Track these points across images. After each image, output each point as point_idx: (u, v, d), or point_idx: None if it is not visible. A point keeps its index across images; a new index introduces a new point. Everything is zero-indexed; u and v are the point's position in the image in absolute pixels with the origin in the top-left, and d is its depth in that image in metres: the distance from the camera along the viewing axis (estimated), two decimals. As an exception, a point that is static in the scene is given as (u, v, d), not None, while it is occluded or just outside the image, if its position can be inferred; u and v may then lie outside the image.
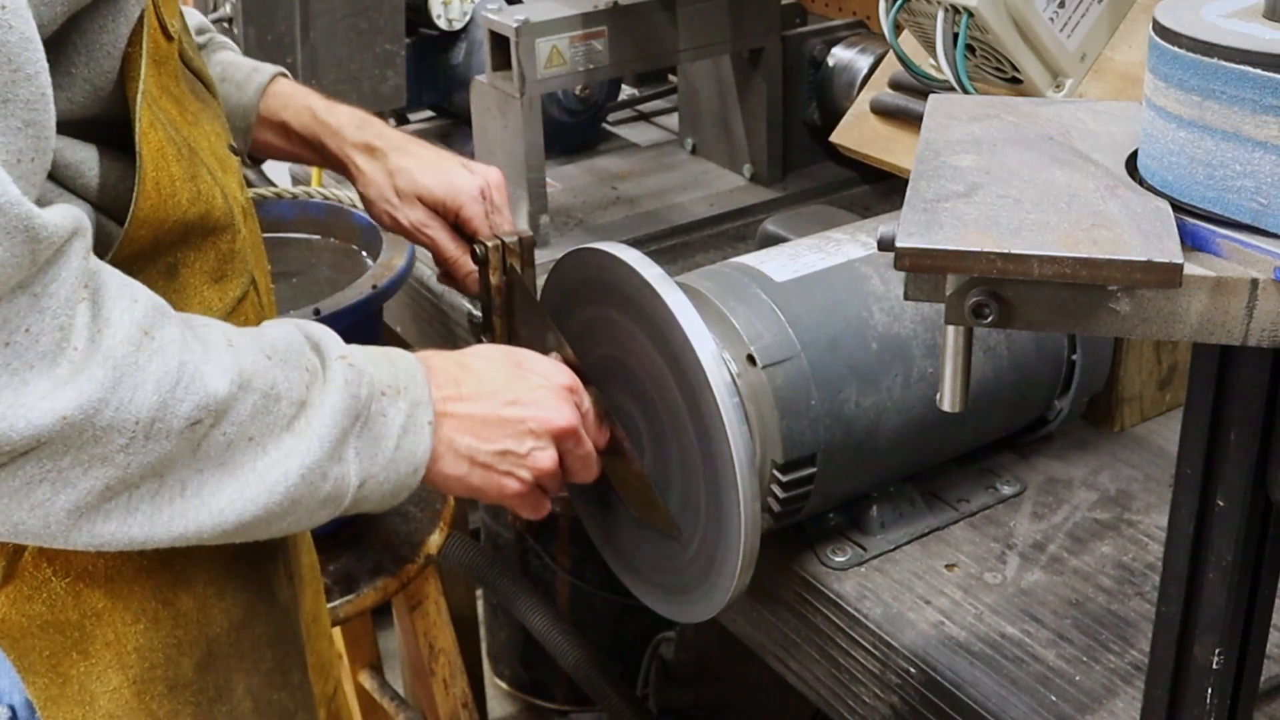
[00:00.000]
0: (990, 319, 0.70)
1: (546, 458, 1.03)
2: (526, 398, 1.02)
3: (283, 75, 1.33)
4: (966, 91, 1.34)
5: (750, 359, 1.12)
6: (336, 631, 2.00)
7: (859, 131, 1.62)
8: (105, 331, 0.77)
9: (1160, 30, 0.70)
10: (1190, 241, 0.70)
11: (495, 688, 2.69)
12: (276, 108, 1.31)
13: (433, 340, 1.80)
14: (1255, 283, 0.67)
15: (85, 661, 0.92)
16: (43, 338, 0.73)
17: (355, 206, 1.54)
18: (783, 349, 1.13)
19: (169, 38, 0.91)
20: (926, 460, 1.27)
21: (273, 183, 2.02)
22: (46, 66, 0.74)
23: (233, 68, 1.31)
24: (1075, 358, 1.28)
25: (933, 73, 1.40)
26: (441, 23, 2.06)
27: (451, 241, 1.32)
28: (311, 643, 1.12)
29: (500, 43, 1.71)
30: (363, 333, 1.35)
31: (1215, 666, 0.80)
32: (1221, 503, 0.77)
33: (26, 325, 0.73)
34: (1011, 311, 0.71)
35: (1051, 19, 1.31)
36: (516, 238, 1.30)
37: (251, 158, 1.35)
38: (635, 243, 1.47)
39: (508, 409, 1.01)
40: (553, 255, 1.62)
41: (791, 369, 1.13)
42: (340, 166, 1.34)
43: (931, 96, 0.90)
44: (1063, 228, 0.69)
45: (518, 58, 1.68)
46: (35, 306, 0.73)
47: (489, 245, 1.28)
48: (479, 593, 2.49)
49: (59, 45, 0.82)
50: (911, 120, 1.54)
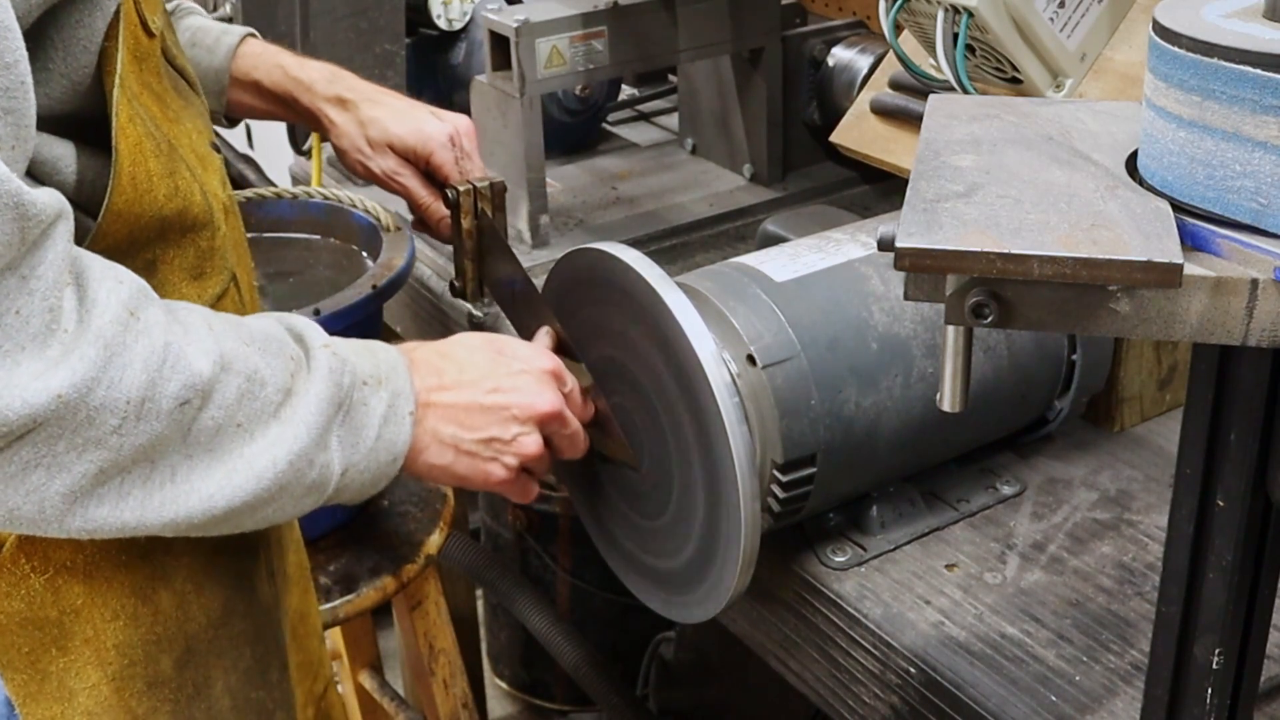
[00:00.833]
0: (990, 319, 0.70)
1: (531, 443, 1.04)
2: (508, 384, 1.03)
3: (252, 35, 1.35)
4: (966, 91, 1.34)
5: (750, 359, 1.12)
6: (336, 631, 2.00)
7: (859, 131, 1.62)
8: (94, 312, 0.77)
9: (1160, 30, 0.70)
10: (1190, 241, 0.70)
11: (495, 688, 2.69)
12: (248, 68, 1.33)
13: (432, 339, 1.79)
14: (1255, 283, 0.67)
15: (64, 658, 0.92)
16: (33, 319, 0.74)
17: (355, 206, 1.54)
18: (783, 349, 1.13)
19: (150, 34, 0.91)
20: (926, 460, 1.27)
21: (273, 183, 2.02)
22: (25, 55, 0.74)
23: (202, 32, 1.33)
24: (1075, 358, 1.28)
25: (933, 73, 1.40)
26: (441, 23, 2.06)
27: (423, 188, 1.35)
28: (299, 641, 1.12)
29: (500, 43, 1.71)
30: (363, 333, 1.34)
31: (1215, 666, 0.80)
32: (1221, 503, 0.77)
33: (16, 307, 0.73)
34: (1011, 311, 0.71)
35: (1051, 19, 1.31)
36: (488, 183, 1.32)
37: (227, 118, 1.37)
38: (635, 243, 1.47)
39: (490, 396, 1.02)
40: (553, 255, 1.62)
41: (791, 369, 1.13)
42: (313, 120, 1.36)
43: (931, 96, 0.90)
44: (1063, 228, 0.69)
45: (518, 58, 1.68)
46: (24, 288, 0.74)
47: (460, 190, 1.31)
48: (479, 593, 2.49)
49: (36, 40, 0.82)
50: (911, 120, 1.54)
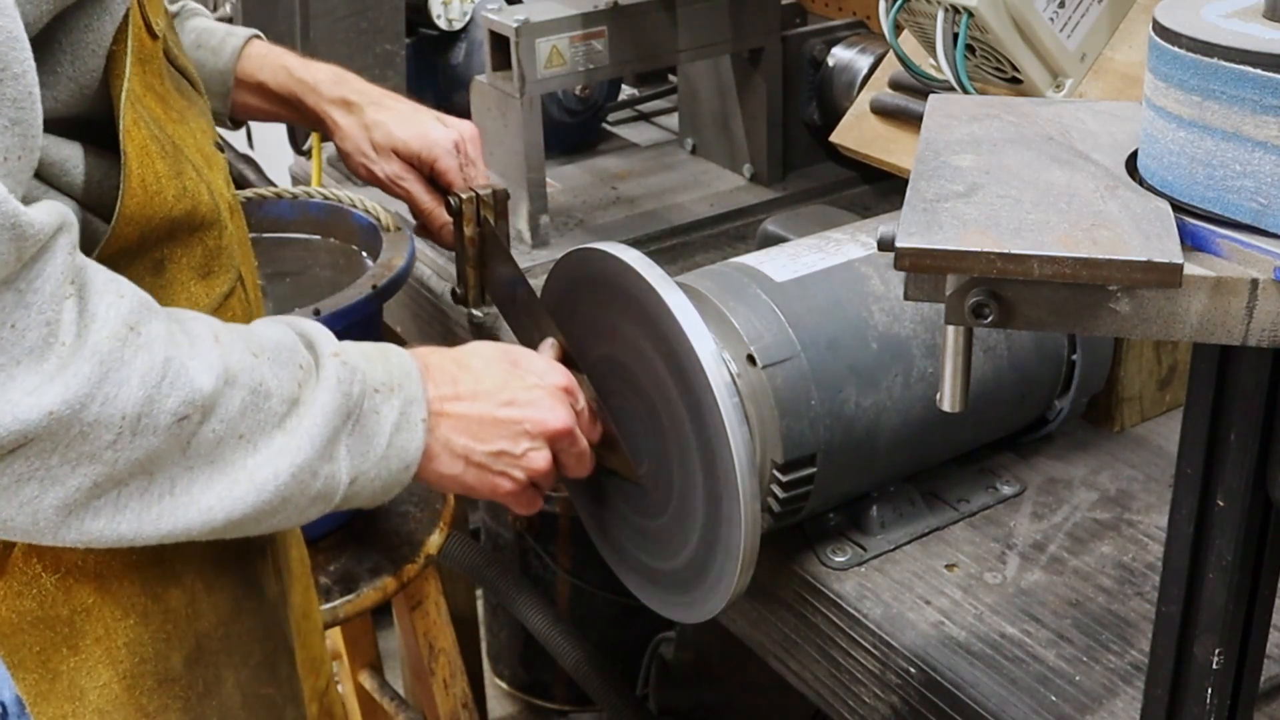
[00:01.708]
0: (990, 319, 0.70)
1: (541, 459, 1.04)
2: (523, 398, 1.03)
3: (257, 37, 1.35)
4: (966, 91, 1.34)
5: (750, 359, 1.12)
6: (336, 631, 2.00)
7: (859, 131, 1.62)
8: (91, 327, 0.77)
9: (1160, 30, 0.70)
10: (1190, 241, 0.70)
11: (495, 688, 2.69)
12: (253, 69, 1.33)
13: (433, 340, 1.80)
14: (1255, 283, 0.67)
15: (75, 657, 0.92)
16: (29, 334, 0.74)
17: (355, 206, 1.54)
18: (783, 349, 1.13)
19: (154, 36, 0.91)
20: (926, 460, 1.27)
21: (273, 183, 2.02)
22: (33, 65, 0.74)
23: (207, 34, 1.33)
24: (1075, 358, 1.28)
25: (933, 73, 1.40)
26: (441, 23, 2.06)
27: (427, 194, 1.35)
28: (302, 638, 1.12)
29: (500, 43, 1.71)
30: (363, 333, 1.34)
31: (1215, 666, 0.80)
32: (1221, 503, 0.77)
33: (12, 321, 0.73)
34: (1011, 311, 0.71)
35: (1051, 19, 1.31)
36: (490, 190, 1.32)
37: (232, 120, 1.37)
38: (635, 243, 1.47)
39: (504, 410, 1.02)
40: (553, 255, 1.62)
41: (791, 369, 1.13)
42: (318, 122, 1.36)
43: (931, 96, 0.90)
44: (1063, 228, 0.69)
45: (518, 58, 1.68)
46: (20, 302, 0.73)
47: (463, 197, 1.31)
48: (479, 593, 2.49)
49: (44, 44, 0.82)
50: (911, 120, 1.54)
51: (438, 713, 1.84)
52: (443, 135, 1.33)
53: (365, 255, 1.53)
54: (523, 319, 1.25)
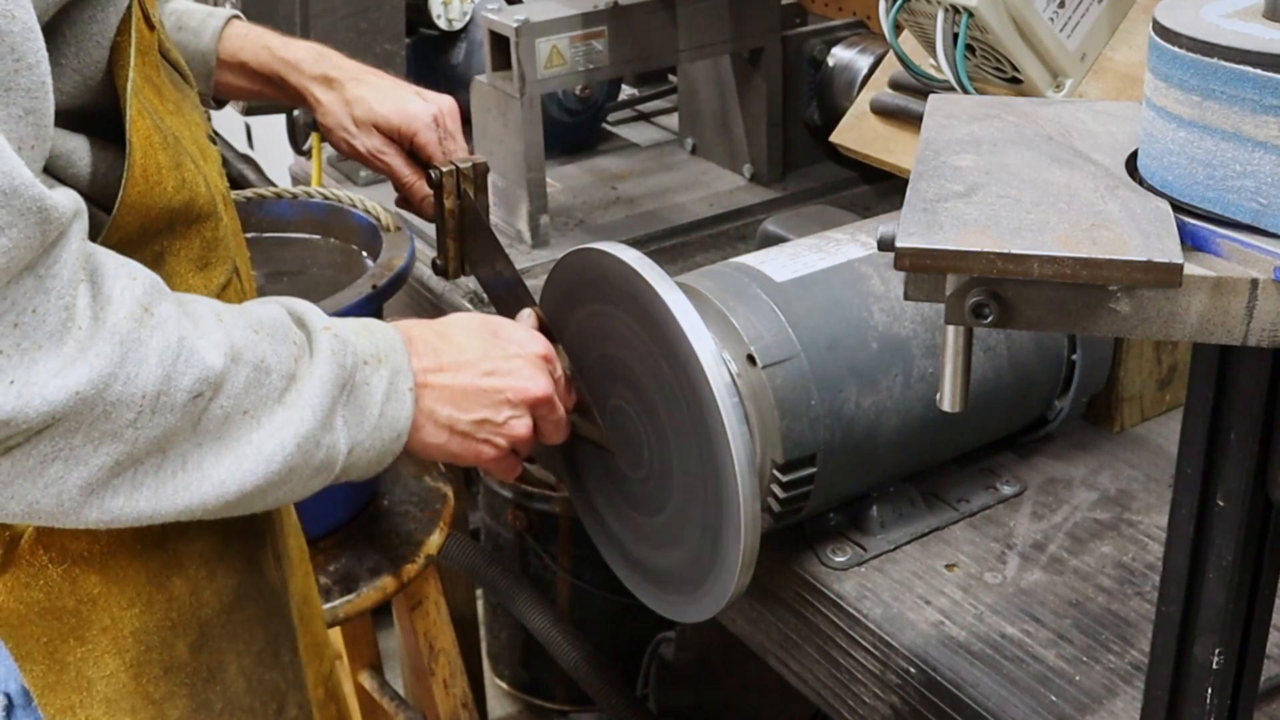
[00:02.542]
0: (990, 319, 0.70)
1: (522, 425, 1.06)
2: (504, 367, 1.05)
3: (237, 18, 1.36)
4: (966, 91, 1.34)
5: (750, 359, 1.12)
6: (336, 631, 2.00)
7: (859, 131, 1.62)
8: (108, 309, 0.78)
9: (1160, 30, 0.70)
10: (1190, 241, 0.70)
11: (495, 688, 2.69)
12: (234, 49, 1.34)
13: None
14: (1255, 283, 0.67)
15: (82, 647, 0.93)
16: (49, 317, 0.75)
17: (355, 206, 1.54)
18: (783, 349, 1.13)
19: (151, 28, 0.93)
20: (926, 460, 1.27)
21: (273, 183, 2.02)
22: (46, 56, 0.75)
23: (187, 15, 1.34)
24: (1075, 358, 1.28)
25: (933, 73, 1.40)
26: (441, 23, 2.06)
27: (407, 167, 1.36)
28: (304, 624, 1.13)
29: (500, 43, 1.71)
30: (363, 333, 1.35)
31: (1215, 666, 0.80)
32: (1221, 503, 0.77)
33: (33, 306, 0.74)
34: (1011, 311, 0.71)
35: (1051, 19, 1.31)
36: (470, 163, 1.34)
37: (215, 100, 1.38)
38: (635, 243, 1.47)
39: (486, 379, 1.04)
40: (553, 255, 1.63)
41: (791, 369, 1.13)
42: (300, 99, 1.37)
43: (931, 96, 0.90)
44: (1063, 228, 0.69)
45: (518, 58, 1.68)
46: (40, 287, 0.75)
47: (443, 170, 1.33)
48: (479, 593, 2.49)
49: (50, 36, 0.83)
50: (911, 120, 1.54)
51: (438, 713, 1.84)
52: (422, 109, 1.34)
53: (365, 255, 1.53)
54: (501, 290, 1.28)
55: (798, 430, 1.13)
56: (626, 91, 2.33)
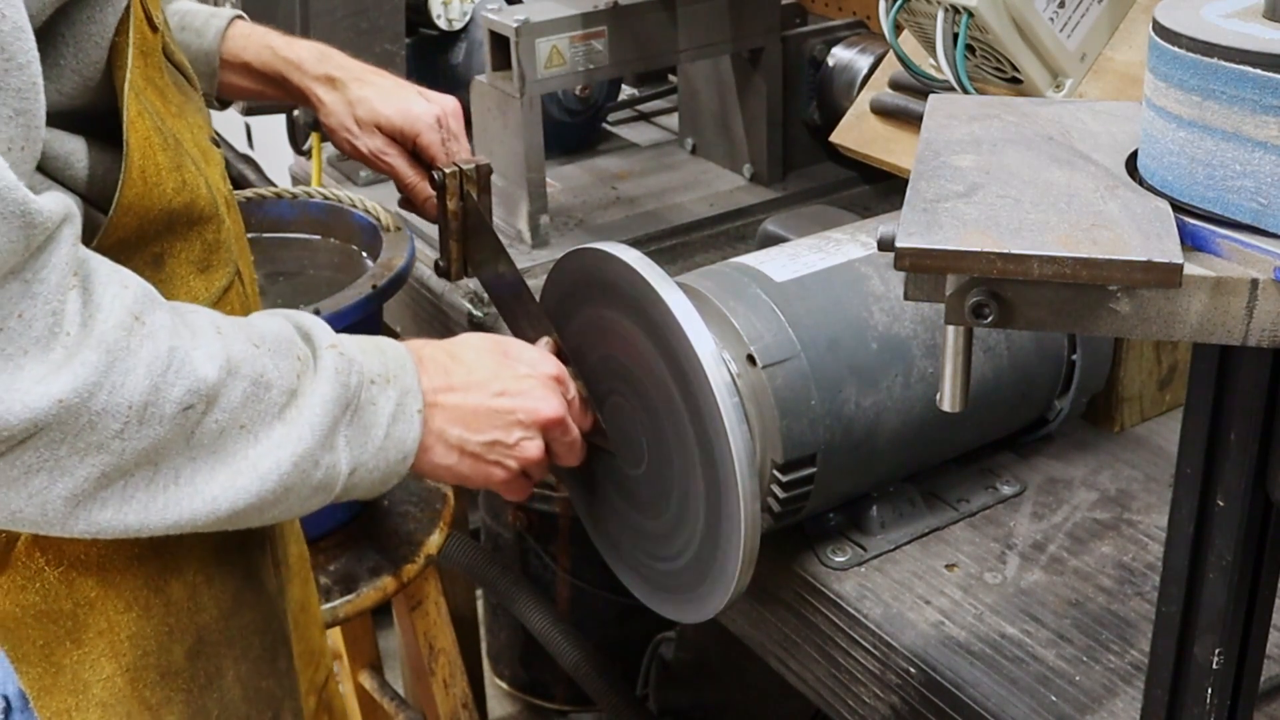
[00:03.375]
0: (990, 319, 0.70)
1: (534, 448, 1.05)
2: (515, 388, 1.04)
3: (240, 18, 1.36)
4: (966, 91, 1.34)
5: (750, 359, 1.12)
6: (336, 631, 2.00)
7: (859, 131, 1.62)
8: (97, 316, 0.77)
9: (1160, 30, 0.70)
10: (1190, 241, 0.70)
11: (495, 688, 2.68)
12: (237, 49, 1.34)
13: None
14: (1255, 283, 0.67)
15: (78, 650, 0.92)
16: (35, 323, 0.74)
17: (355, 206, 1.54)
18: (783, 349, 1.13)
19: (154, 29, 0.92)
20: (926, 460, 1.27)
21: (273, 183, 2.02)
22: (37, 56, 0.74)
23: (190, 15, 1.34)
24: (1075, 358, 1.28)
25: (933, 73, 1.40)
26: (441, 23, 2.06)
27: (410, 168, 1.36)
28: (300, 631, 1.12)
29: (500, 43, 1.71)
30: (363, 333, 1.35)
31: (1215, 666, 0.80)
32: (1221, 503, 0.77)
33: (19, 311, 0.73)
34: (1011, 311, 0.71)
35: (1051, 19, 1.31)
36: (473, 165, 1.33)
37: (218, 100, 1.38)
38: (635, 243, 1.47)
39: (497, 400, 1.02)
40: (553, 255, 1.62)
41: (791, 369, 1.13)
42: (303, 99, 1.37)
43: (931, 96, 0.90)
44: (1063, 228, 0.69)
45: (518, 58, 1.68)
46: (27, 292, 0.73)
47: (446, 172, 1.32)
48: (479, 593, 2.49)
49: (47, 37, 0.82)
50: (911, 120, 1.54)
51: (438, 713, 1.84)
52: (425, 110, 1.34)
53: (365, 255, 1.53)
54: (502, 290, 1.27)
55: (798, 430, 1.13)
56: (626, 91, 2.33)
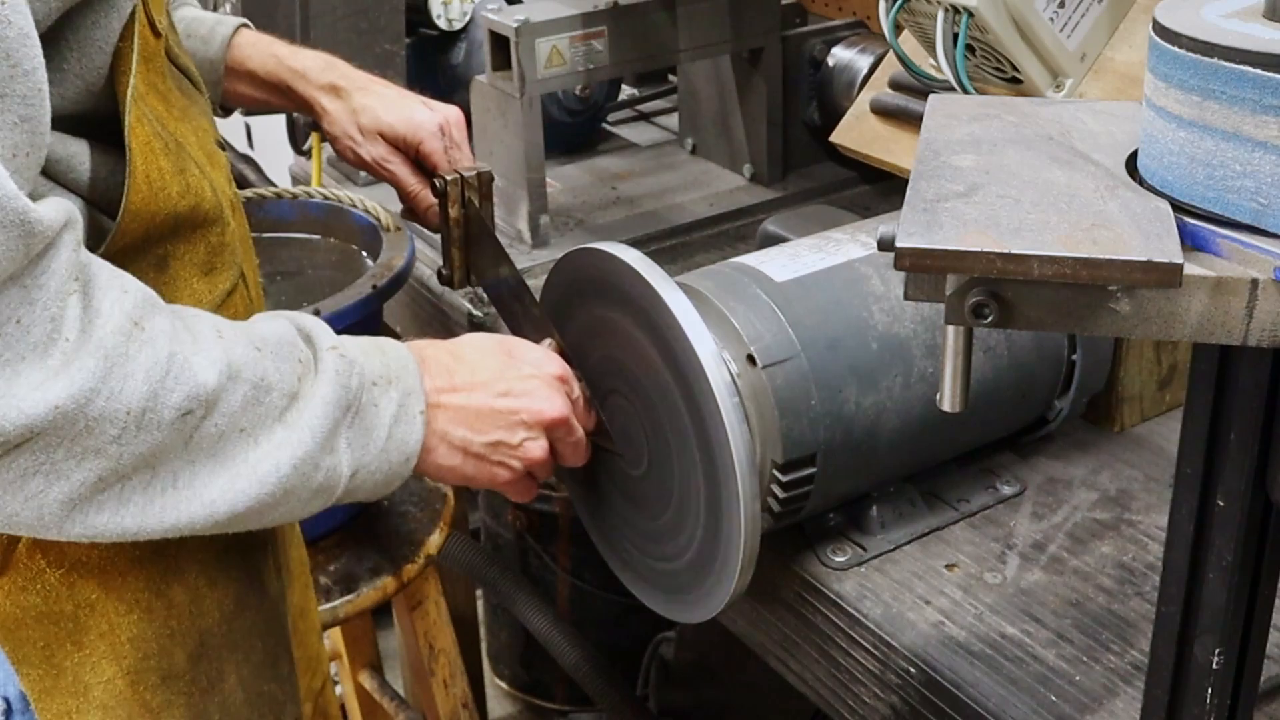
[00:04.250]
0: (990, 319, 0.70)
1: (538, 448, 1.05)
2: (519, 388, 1.04)
3: (245, 26, 1.36)
4: (966, 91, 1.34)
5: (750, 359, 1.12)
6: (336, 631, 2.00)
7: (859, 131, 1.62)
8: (96, 322, 0.77)
9: (1160, 30, 0.70)
10: (1190, 241, 0.70)
11: (495, 688, 2.69)
12: (242, 58, 1.35)
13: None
14: (1255, 283, 0.67)
15: (79, 653, 0.92)
16: (34, 329, 0.74)
17: (355, 206, 1.54)
18: (783, 349, 1.13)
19: (156, 34, 0.92)
20: (926, 460, 1.27)
21: (273, 183, 2.02)
22: (43, 62, 0.74)
23: (196, 23, 1.34)
24: (1075, 358, 1.28)
25: (933, 73, 1.40)
26: (441, 23, 2.06)
27: (412, 176, 1.37)
28: (299, 637, 1.12)
29: (500, 43, 1.71)
30: (363, 333, 1.34)
31: (1215, 666, 0.80)
32: (1221, 503, 0.77)
33: (17, 317, 0.73)
34: (1011, 311, 0.71)
35: (1051, 19, 1.31)
36: (475, 173, 1.34)
37: (222, 108, 1.38)
38: (635, 243, 1.47)
39: (500, 400, 1.02)
40: (553, 255, 1.62)
41: (791, 369, 1.13)
42: (307, 108, 1.38)
43: (931, 96, 0.90)
44: (1063, 228, 0.69)
45: (518, 58, 1.68)
46: (26, 298, 0.74)
47: (448, 180, 1.33)
48: (479, 593, 2.49)
49: (52, 42, 0.83)
50: (911, 120, 1.54)
51: (438, 713, 1.84)
52: (427, 118, 1.35)
53: (365, 255, 1.53)
54: (507, 299, 1.27)
55: (798, 430, 1.13)
56: (626, 91, 2.33)
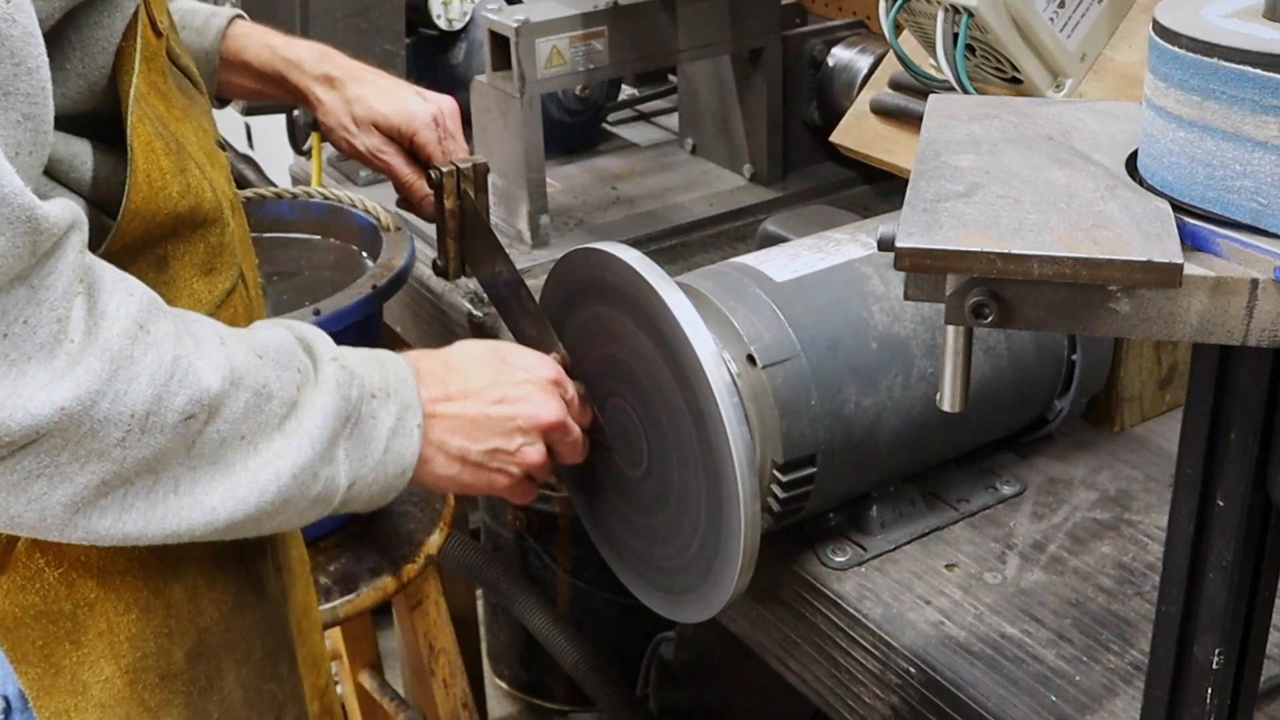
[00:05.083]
0: (990, 319, 0.70)
1: (535, 452, 1.05)
2: (513, 395, 1.04)
3: (240, 17, 1.36)
4: (966, 91, 1.34)
5: (750, 359, 1.12)
6: (336, 631, 2.00)
7: (859, 131, 1.62)
8: (102, 324, 0.77)
9: (1160, 30, 0.70)
10: (1190, 241, 0.70)
11: (495, 688, 2.69)
12: (237, 49, 1.35)
13: (432, 340, 1.80)
14: (1255, 283, 0.67)
15: (78, 651, 0.92)
16: (40, 330, 0.74)
17: (355, 206, 1.54)
18: (783, 349, 1.13)
19: (158, 34, 0.92)
20: (926, 460, 1.27)
21: (273, 183, 2.02)
22: (47, 61, 0.74)
23: (190, 14, 1.34)
24: (1075, 358, 1.28)
25: (933, 73, 1.40)
26: (441, 23, 2.06)
27: (407, 166, 1.37)
28: (303, 635, 1.12)
29: (500, 43, 1.71)
30: (363, 333, 1.35)
31: (1215, 666, 0.80)
32: (1221, 503, 0.77)
33: (24, 317, 0.73)
34: (1011, 311, 0.71)
35: (1051, 19, 1.31)
36: (470, 164, 1.34)
37: (217, 99, 1.38)
38: (635, 243, 1.47)
39: (495, 408, 1.03)
40: (553, 255, 1.62)
41: (791, 369, 1.13)
42: (301, 98, 1.38)
43: (931, 96, 0.90)
44: (1063, 228, 0.69)
45: (518, 58, 1.68)
46: (33, 299, 0.74)
47: (444, 171, 1.33)
48: (479, 593, 2.49)
49: (55, 41, 0.83)
50: (911, 120, 1.54)
51: (438, 713, 1.84)
52: (422, 109, 1.35)
53: (365, 255, 1.53)
54: (501, 290, 1.28)
55: (798, 430, 1.13)
56: (626, 91, 2.33)
